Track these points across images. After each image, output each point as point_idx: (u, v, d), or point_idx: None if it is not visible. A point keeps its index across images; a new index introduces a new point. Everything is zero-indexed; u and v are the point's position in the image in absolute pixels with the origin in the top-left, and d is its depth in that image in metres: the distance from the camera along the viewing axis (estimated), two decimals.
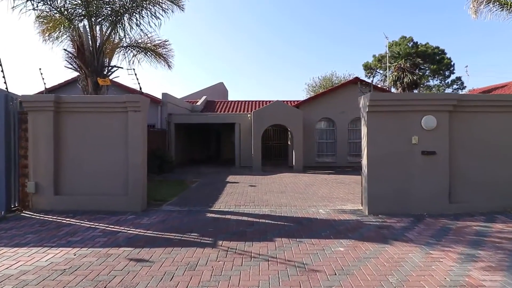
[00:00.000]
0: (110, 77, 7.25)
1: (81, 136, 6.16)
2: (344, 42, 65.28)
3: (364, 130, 6.08)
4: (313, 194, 8.06)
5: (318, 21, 65.91)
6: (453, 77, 38.97)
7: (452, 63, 38.81)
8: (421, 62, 24.24)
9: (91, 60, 6.81)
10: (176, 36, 65.53)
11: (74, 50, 7.00)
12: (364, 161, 6.06)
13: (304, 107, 14.84)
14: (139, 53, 9.02)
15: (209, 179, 10.89)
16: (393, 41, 38.89)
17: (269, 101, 21.07)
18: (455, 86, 39.30)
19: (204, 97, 22.30)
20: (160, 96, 15.29)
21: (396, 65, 22.78)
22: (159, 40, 9.01)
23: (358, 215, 5.87)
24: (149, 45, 8.84)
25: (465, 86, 41.28)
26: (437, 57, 37.42)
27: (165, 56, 9.71)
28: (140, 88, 6.12)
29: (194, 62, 73.85)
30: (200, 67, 73.69)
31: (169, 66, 10.23)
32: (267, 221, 5.53)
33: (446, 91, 36.11)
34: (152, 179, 10.81)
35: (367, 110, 5.86)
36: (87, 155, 6.14)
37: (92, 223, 5.37)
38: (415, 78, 21.67)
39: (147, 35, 8.16)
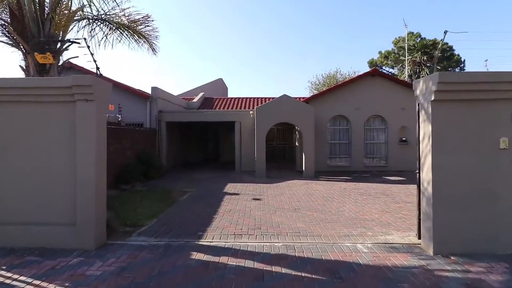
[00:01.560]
0: (65, 58, 5.35)
1: (9, 137, 4.20)
2: (347, 39, 63.32)
3: (425, 128, 4.11)
4: (337, 214, 6.10)
5: (321, 19, 63.94)
6: None
7: (462, 60, 36.91)
8: (440, 55, 22.26)
9: (33, 31, 4.88)
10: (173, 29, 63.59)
11: (9, 17, 5.05)
12: (426, 175, 4.08)
13: (314, 103, 12.86)
14: (112, 31, 7.06)
15: (204, 189, 8.94)
16: (399, 37, 37.13)
17: (273, 98, 19.14)
18: None
19: (201, 94, 20.34)
20: (149, 91, 13.35)
21: (411, 58, 20.77)
22: (138, 13, 7.05)
23: (419, 256, 3.91)
24: (124, 20, 6.88)
25: None
26: (446, 54, 35.63)
27: (147, 36, 7.74)
28: (98, 69, 4.19)
29: (192, 61, 72.06)
30: (199, 67, 71.86)
31: (153, 50, 8.26)
32: (283, 269, 3.57)
33: None
34: (133, 190, 8.86)
35: (432, 98, 3.89)
36: (18, 166, 4.18)
37: (10, 275, 3.42)
38: (433, 72, 19.66)
39: (119, 5, 6.21)
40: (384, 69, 35.71)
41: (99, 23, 6.45)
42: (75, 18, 5.72)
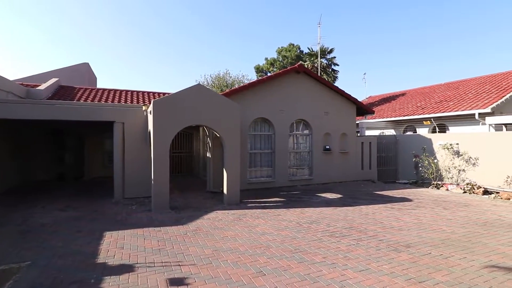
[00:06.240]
0: None
1: None
2: (233, 43, 63.30)
3: None
4: None
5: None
6: None
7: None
8: (336, 63, 22.98)
9: None
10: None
11: None
12: None
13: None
14: None
15: (50, 262, 4.23)
16: (282, 46, 38.81)
17: (165, 94, 14.78)
18: None
19: (53, 80, 13.82)
20: None
21: (309, 64, 20.51)
22: None
23: None
24: None
25: None
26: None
27: None
28: None
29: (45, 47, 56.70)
30: (54, 54, 57.14)
31: None
32: None
33: None
34: None
35: None
36: None
37: None
38: (331, 79, 19.86)
39: None
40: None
41: None
42: None
